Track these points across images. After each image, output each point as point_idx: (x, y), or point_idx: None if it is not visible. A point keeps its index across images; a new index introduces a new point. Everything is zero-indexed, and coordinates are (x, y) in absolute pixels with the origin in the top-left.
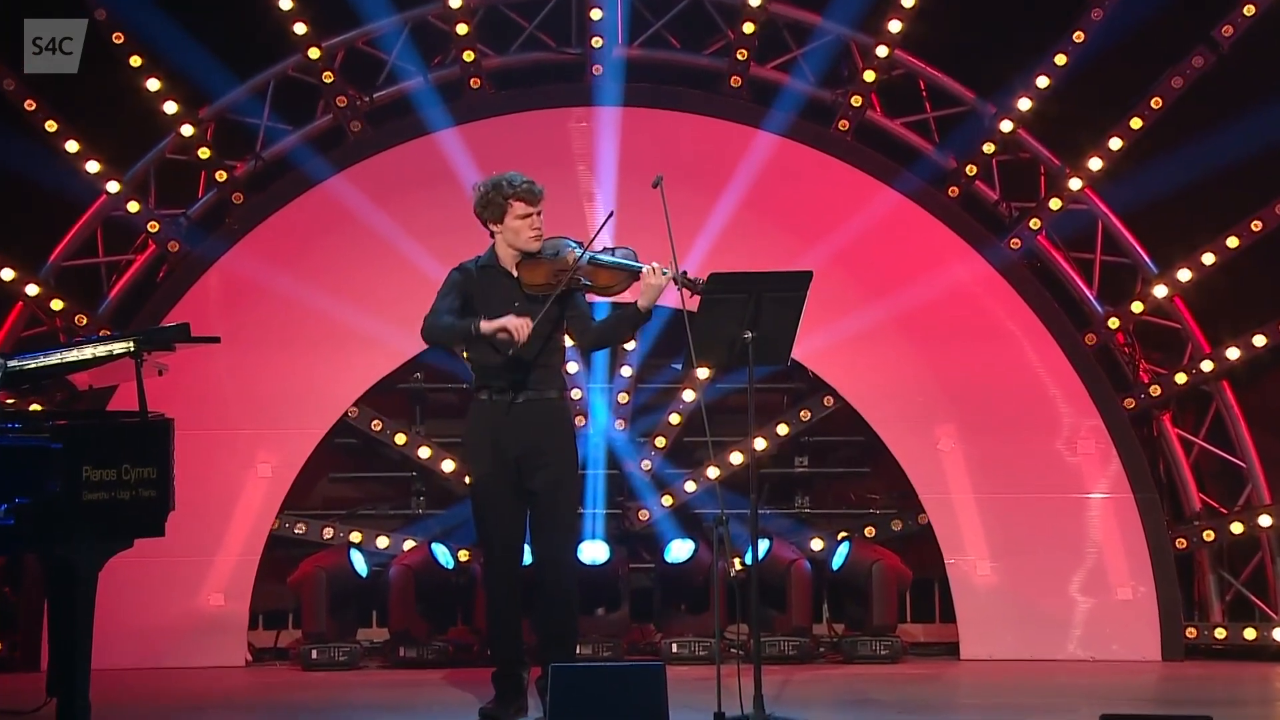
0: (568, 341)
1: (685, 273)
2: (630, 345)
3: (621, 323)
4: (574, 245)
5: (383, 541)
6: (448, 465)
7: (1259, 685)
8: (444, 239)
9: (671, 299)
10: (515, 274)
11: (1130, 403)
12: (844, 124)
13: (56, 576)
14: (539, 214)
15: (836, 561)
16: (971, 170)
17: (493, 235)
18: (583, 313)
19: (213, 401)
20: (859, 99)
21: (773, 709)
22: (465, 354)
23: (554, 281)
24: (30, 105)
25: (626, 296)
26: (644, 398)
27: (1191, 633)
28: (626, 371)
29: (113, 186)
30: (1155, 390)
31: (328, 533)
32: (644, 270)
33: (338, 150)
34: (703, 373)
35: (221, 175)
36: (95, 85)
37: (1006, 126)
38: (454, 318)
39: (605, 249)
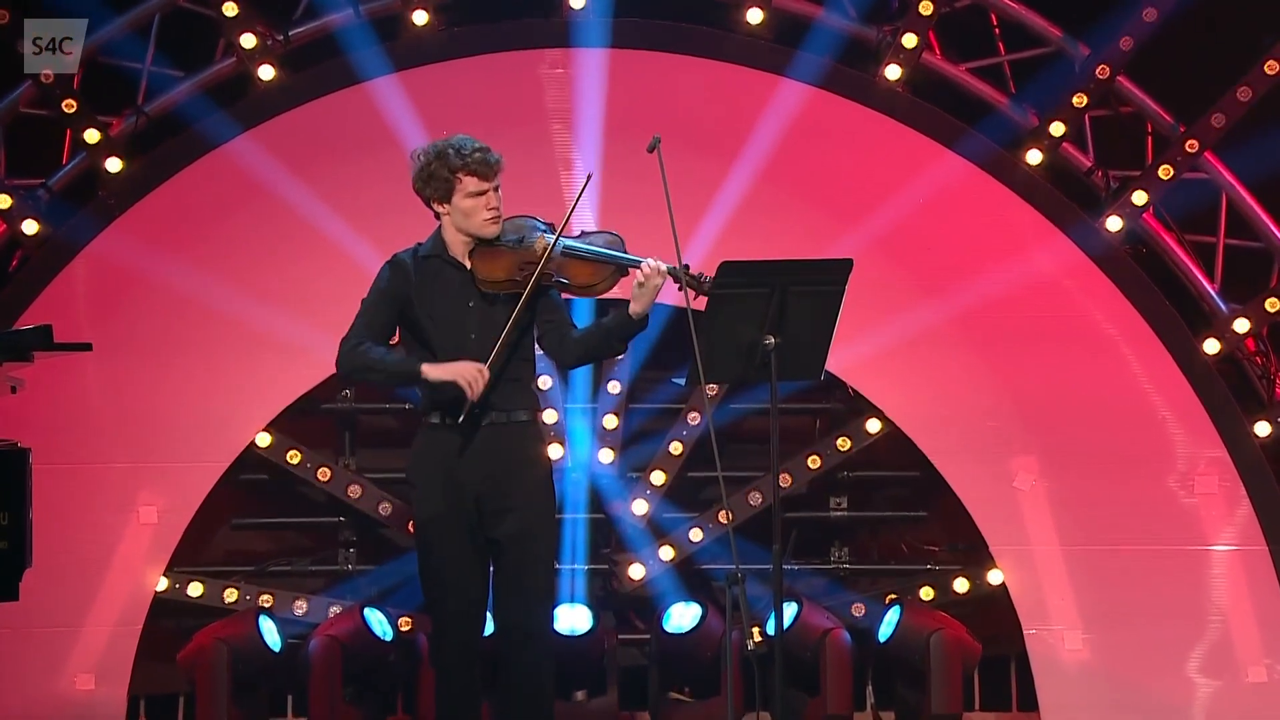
0: (539, 350)
1: (688, 267)
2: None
3: (610, 334)
4: (544, 229)
5: (301, 606)
6: (385, 508)
7: None
8: (384, 219)
9: (673, 295)
10: (468, 266)
11: (1264, 428)
12: (893, 70)
13: None
14: (496, 190)
15: (884, 631)
16: (1058, 129)
17: (438, 217)
18: (560, 318)
19: (81, 427)
20: (913, 38)
21: None
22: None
23: (518, 277)
24: None
25: (614, 293)
26: (637, 421)
27: None
28: (615, 388)
29: None
30: None
31: (230, 595)
32: (639, 261)
33: (243, 103)
34: (712, 390)
35: (92, 135)
36: None
37: (1104, 73)
38: (386, 348)
39: (583, 234)
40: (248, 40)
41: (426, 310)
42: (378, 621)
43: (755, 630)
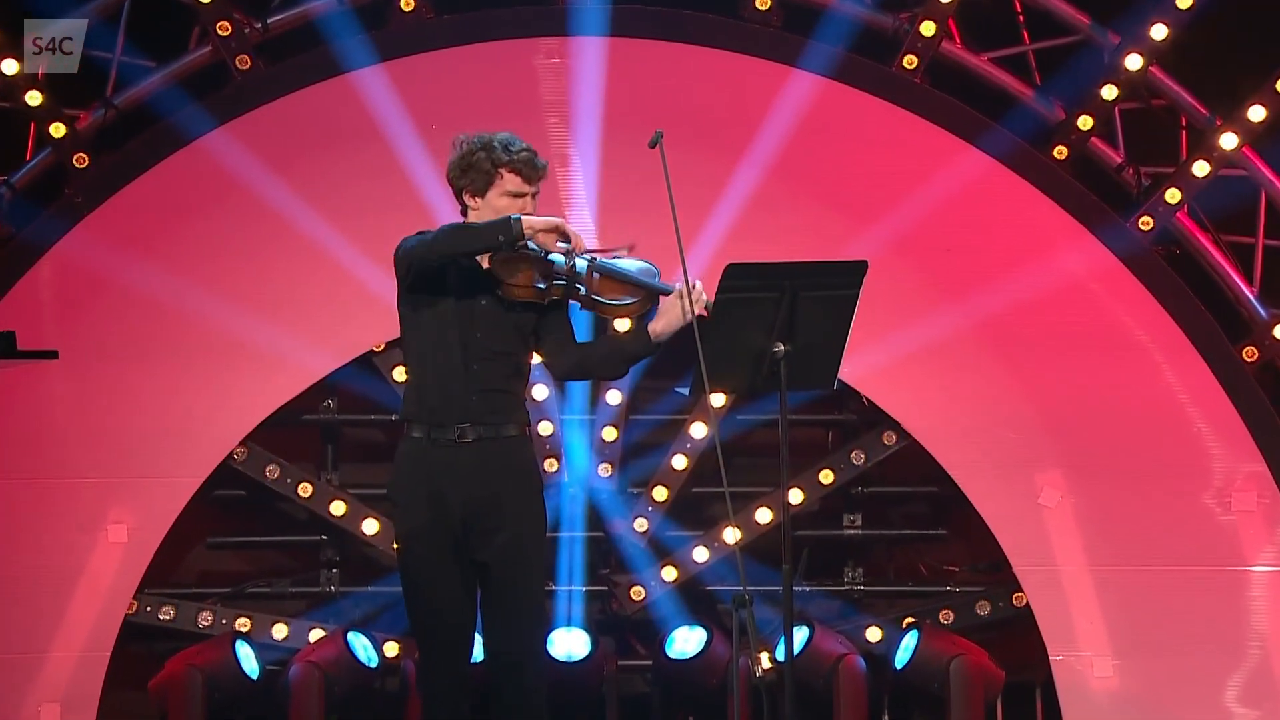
0: (534, 358)
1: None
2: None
3: (621, 350)
4: (570, 246)
5: (280, 631)
6: (370, 526)
7: None
8: (369, 218)
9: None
10: (486, 267)
11: None
12: (911, 60)
13: None
14: (535, 196)
15: (901, 658)
16: (1086, 123)
17: (465, 213)
18: (566, 333)
19: (46, 439)
20: (931, 26)
21: None
22: (404, 370)
23: (542, 285)
24: None
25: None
26: (638, 433)
27: None
28: (614, 398)
29: None
30: None
31: (205, 619)
32: (676, 289)
33: (219, 95)
34: (718, 400)
35: (58, 129)
36: None
37: (1135, 63)
38: None
39: (614, 257)
40: (224, 28)
41: (437, 298)
42: (362, 646)
43: (764, 656)
